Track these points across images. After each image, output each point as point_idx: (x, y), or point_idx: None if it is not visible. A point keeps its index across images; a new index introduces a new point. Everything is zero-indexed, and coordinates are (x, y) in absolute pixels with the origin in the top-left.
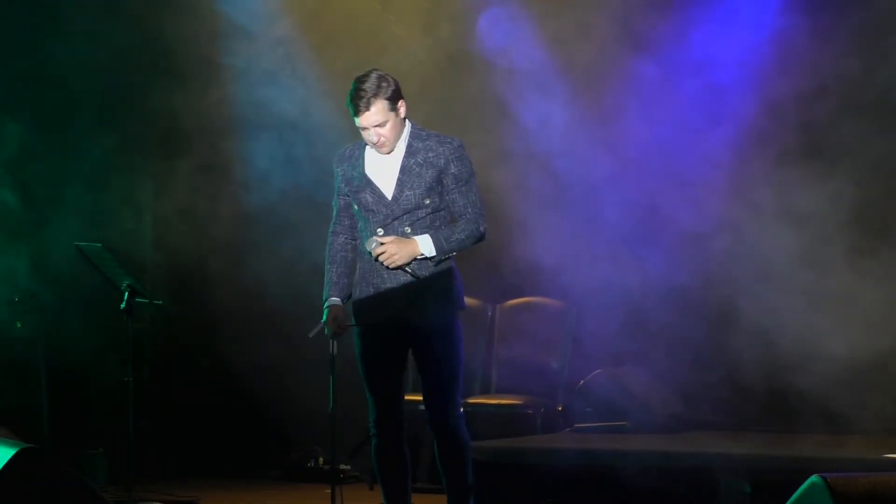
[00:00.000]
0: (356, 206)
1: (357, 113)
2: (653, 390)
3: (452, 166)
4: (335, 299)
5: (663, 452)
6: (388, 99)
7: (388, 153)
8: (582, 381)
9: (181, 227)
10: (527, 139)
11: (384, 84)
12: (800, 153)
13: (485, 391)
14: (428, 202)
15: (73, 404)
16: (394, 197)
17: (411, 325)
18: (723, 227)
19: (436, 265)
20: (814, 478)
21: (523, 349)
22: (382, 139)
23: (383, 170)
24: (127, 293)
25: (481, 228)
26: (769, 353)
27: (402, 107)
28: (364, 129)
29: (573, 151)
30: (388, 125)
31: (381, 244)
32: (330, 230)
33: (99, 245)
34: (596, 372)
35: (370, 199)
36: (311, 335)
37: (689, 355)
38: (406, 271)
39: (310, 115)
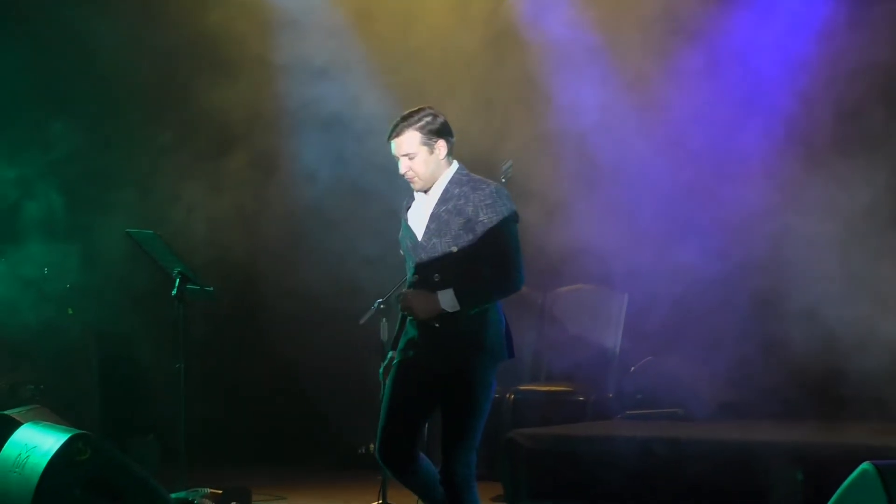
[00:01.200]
0: (401, 251)
1: (388, 138)
2: (704, 378)
3: (482, 213)
4: (392, 353)
5: (715, 440)
6: (424, 133)
7: (422, 190)
8: (633, 368)
9: (232, 223)
10: (570, 122)
11: (426, 119)
12: (842, 139)
13: (535, 378)
14: (455, 250)
15: (124, 391)
16: (421, 245)
17: (435, 369)
18: (773, 213)
19: (466, 317)
20: (865, 465)
21: (574, 336)
22: (411, 173)
23: (419, 216)
24: (178, 280)
25: (512, 278)
26: (822, 341)
27: (441, 146)
28: (396, 158)
29: (617, 135)
30: (418, 159)
31: (406, 297)
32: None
33: (150, 232)
34: (647, 359)
35: (408, 245)
36: (361, 322)
37: (740, 343)
38: (434, 326)
39: (359, 110)
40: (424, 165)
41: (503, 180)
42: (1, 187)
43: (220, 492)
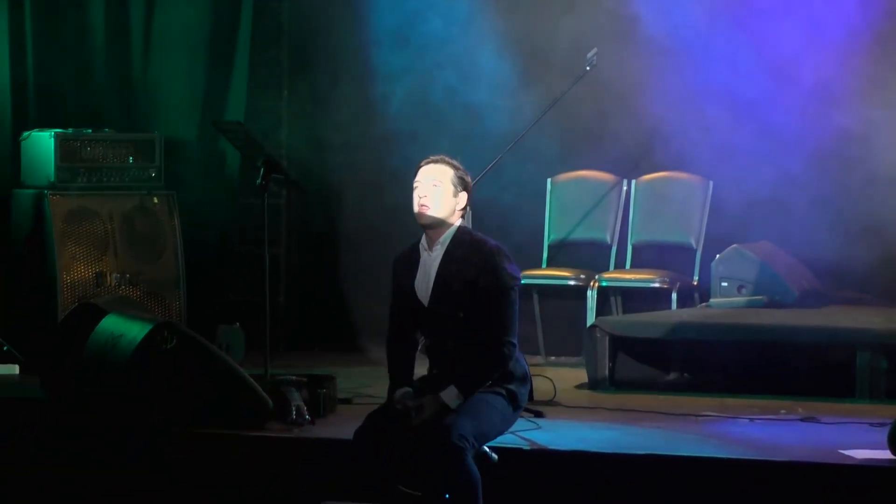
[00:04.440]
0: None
1: (422, 164)
2: (789, 265)
3: (482, 279)
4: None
5: (799, 327)
6: (458, 176)
7: (424, 223)
8: (717, 256)
9: (311, 141)
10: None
11: (463, 170)
12: None
13: (619, 266)
14: (462, 315)
15: (209, 279)
16: (430, 309)
17: None
18: (862, 88)
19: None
20: None
21: (658, 224)
22: (427, 199)
23: (424, 280)
24: (262, 169)
25: (506, 352)
26: None
27: (462, 197)
28: (417, 185)
29: (691, 15)
30: (442, 191)
31: (417, 415)
32: (388, 335)
33: (235, 121)
34: (732, 247)
35: (413, 310)
36: None
37: (825, 229)
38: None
39: (452, 29)
40: (443, 201)
41: (588, 68)
42: (88, 93)
43: (306, 379)
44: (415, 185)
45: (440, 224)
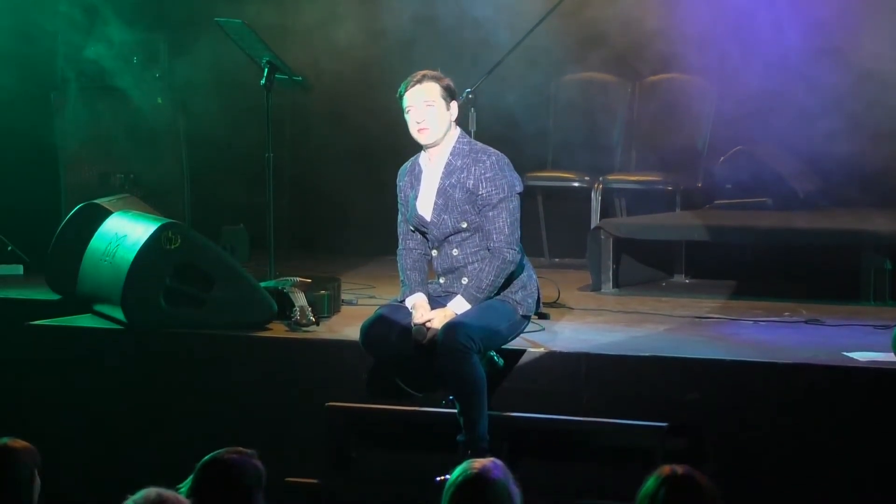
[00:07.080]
0: (411, 226)
1: (408, 87)
2: (793, 167)
3: (481, 187)
4: (414, 296)
5: (804, 229)
6: (444, 88)
7: (428, 143)
8: (722, 158)
9: (320, 55)
10: None
11: (447, 80)
12: None
13: (624, 168)
14: (465, 225)
15: (214, 181)
16: (432, 222)
17: None
18: None
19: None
20: None
21: (663, 126)
22: (425, 122)
23: (425, 191)
24: (266, 69)
25: (508, 258)
26: None
27: (454, 108)
28: (410, 109)
29: None
30: (436, 109)
31: (425, 331)
32: (399, 247)
33: (239, 21)
34: (736, 148)
35: (417, 222)
36: None
37: (832, 131)
38: None
39: None
40: (439, 118)
41: None
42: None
43: (310, 280)
44: (406, 109)
45: (442, 140)
